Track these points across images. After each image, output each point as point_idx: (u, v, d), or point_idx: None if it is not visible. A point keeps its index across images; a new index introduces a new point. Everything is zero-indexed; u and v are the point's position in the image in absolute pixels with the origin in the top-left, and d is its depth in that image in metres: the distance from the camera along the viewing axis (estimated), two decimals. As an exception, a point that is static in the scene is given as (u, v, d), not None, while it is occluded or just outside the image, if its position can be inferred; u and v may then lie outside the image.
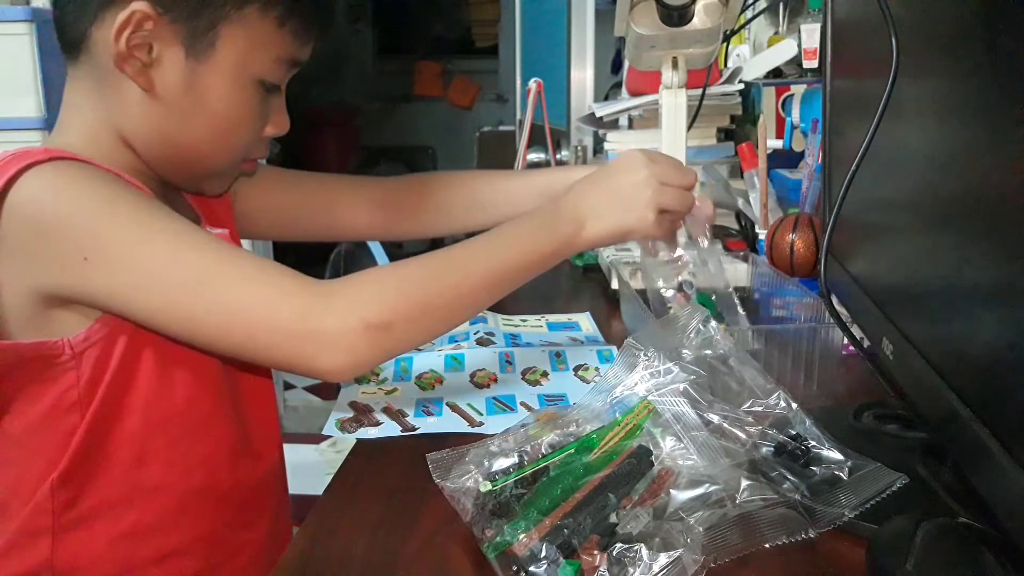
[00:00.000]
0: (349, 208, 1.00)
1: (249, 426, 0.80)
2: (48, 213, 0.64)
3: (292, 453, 1.03)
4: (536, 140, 1.71)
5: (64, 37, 0.73)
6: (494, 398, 0.81)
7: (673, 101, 1.10)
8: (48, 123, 2.22)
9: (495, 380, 0.86)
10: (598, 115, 1.45)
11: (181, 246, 0.66)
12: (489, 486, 0.57)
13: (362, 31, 5.17)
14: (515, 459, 0.60)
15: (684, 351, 0.66)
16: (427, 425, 0.75)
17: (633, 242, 0.99)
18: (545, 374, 0.87)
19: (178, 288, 0.65)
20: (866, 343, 0.82)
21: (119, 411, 0.71)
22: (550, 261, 0.76)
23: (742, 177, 1.25)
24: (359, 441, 0.74)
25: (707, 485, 0.54)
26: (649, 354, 0.64)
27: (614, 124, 1.52)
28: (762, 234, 1.13)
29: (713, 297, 0.92)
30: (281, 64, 0.75)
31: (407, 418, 0.77)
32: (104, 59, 0.70)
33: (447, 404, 0.80)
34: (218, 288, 0.65)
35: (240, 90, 0.73)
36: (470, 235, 0.77)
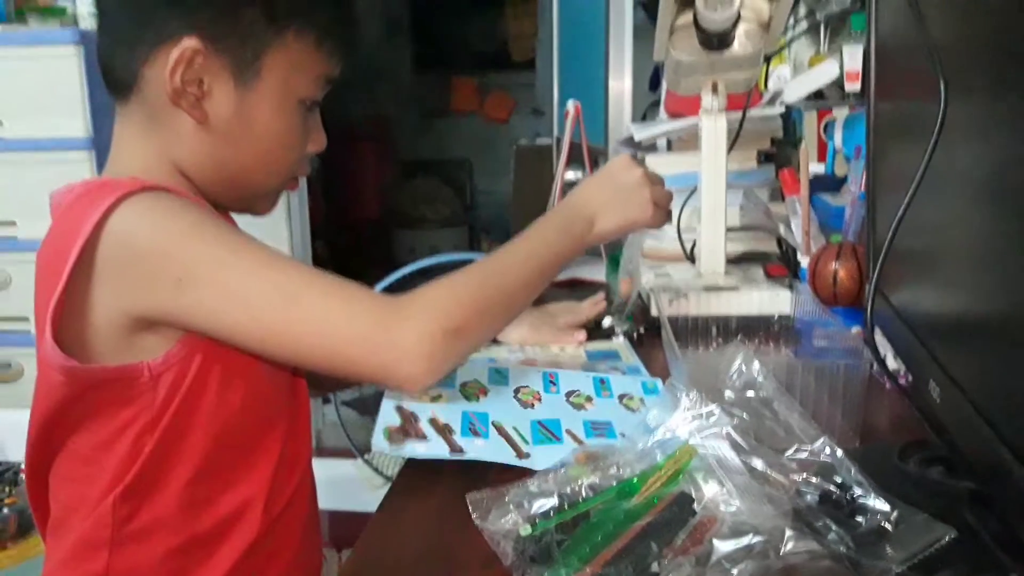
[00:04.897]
0: None
1: (287, 440, 0.82)
2: (143, 239, 0.69)
3: (330, 468, 1.03)
4: (574, 158, 1.71)
5: (113, 78, 0.77)
6: (539, 422, 0.80)
7: (713, 125, 1.10)
8: (95, 143, 2.25)
9: (539, 399, 0.85)
10: (636, 138, 1.44)
11: (264, 264, 0.70)
12: (529, 530, 0.57)
13: (399, 45, 5.20)
14: (555, 501, 0.59)
15: (727, 392, 0.65)
16: (475, 449, 0.74)
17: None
18: (590, 399, 0.86)
19: (262, 304, 0.69)
20: (910, 380, 0.80)
21: (186, 430, 0.74)
22: (569, 258, 0.85)
23: (783, 201, 1.24)
24: (405, 463, 0.74)
25: (751, 535, 0.53)
26: (691, 395, 0.64)
27: (652, 146, 1.52)
28: (804, 261, 1.12)
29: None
30: (319, 82, 0.79)
31: (454, 435, 0.76)
32: (156, 95, 0.74)
33: (493, 424, 0.79)
34: (301, 303, 0.70)
35: (286, 112, 0.78)
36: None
